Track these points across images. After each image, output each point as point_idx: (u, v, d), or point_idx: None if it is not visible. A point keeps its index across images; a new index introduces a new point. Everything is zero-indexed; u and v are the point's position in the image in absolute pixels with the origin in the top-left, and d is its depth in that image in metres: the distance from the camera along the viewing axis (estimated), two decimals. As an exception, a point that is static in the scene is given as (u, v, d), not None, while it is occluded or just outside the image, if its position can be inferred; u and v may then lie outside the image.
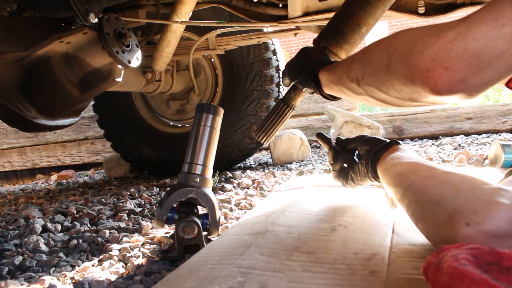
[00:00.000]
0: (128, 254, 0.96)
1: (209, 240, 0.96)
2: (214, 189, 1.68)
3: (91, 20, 1.12)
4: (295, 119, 3.35)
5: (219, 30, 1.81)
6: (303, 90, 0.95)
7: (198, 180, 0.96)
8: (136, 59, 1.32)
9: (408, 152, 0.78)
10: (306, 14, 1.34)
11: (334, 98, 0.90)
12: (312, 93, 0.94)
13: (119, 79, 1.34)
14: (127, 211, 1.43)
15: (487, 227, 0.48)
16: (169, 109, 2.30)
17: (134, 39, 1.33)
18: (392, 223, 0.77)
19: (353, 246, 0.66)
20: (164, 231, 1.13)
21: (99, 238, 1.11)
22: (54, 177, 3.14)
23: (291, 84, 1.00)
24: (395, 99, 0.64)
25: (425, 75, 0.54)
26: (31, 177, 3.64)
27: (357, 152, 0.92)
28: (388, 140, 0.84)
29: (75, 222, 1.33)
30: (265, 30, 1.86)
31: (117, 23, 1.28)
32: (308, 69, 0.90)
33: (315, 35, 1.04)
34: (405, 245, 0.64)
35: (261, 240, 0.73)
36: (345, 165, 0.94)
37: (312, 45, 1.00)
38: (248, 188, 1.70)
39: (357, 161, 0.91)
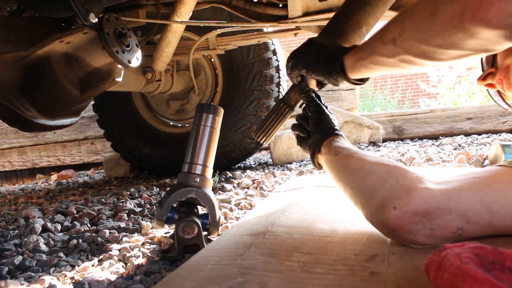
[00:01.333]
0: (128, 254, 0.96)
1: (209, 240, 0.96)
2: (214, 189, 1.68)
3: (91, 20, 1.12)
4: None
5: (219, 30, 1.81)
6: (323, 81, 0.90)
7: (198, 180, 0.96)
8: (136, 59, 1.32)
9: (342, 141, 0.85)
10: (306, 14, 1.34)
11: (360, 82, 0.87)
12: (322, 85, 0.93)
13: (119, 79, 1.34)
14: (127, 211, 1.43)
15: (409, 208, 0.59)
16: (169, 109, 2.30)
17: (134, 39, 1.33)
18: (392, 224, 0.77)
19: (353, 247, 0.66)
20: (164, 231, 1.13)
21: (99, 238, 1.11)
22: (54, 177, 3.14)
23: (299, 81, 0.98)
24: (435, 49, 0.63)
25: (476, 6, 0.54)
26: (31, 177, 3.64)
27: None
28: (330, 127, 0.89)
29: (75, 222, 1.33)
30: (265, 30, 1.86)
31: (117, 23, 1.27)
32: (327, 58, 0.86)
33: (315, 35, 1.04)
34: (405, 246, 0.64)
35: (261, 240, 0.73)
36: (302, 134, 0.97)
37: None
38: (248, 188, 1.70)
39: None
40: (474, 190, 0.60)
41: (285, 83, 2.16)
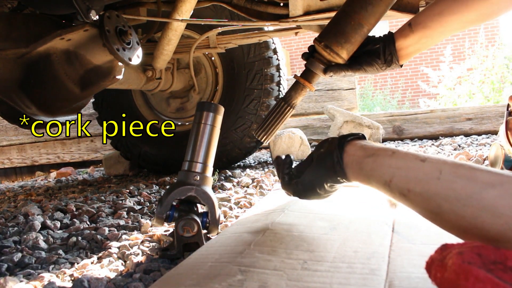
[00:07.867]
0: (127, 252, 0.96)
1: (208, 239, 0.96)
2: (214, 188, 1.67)
3: (92, 17, 1.11)
4: (295, 118, 3.35)
5: (220, 28, 1.81)
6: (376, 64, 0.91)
7: (198, 178, 0.96)
8: (136, 56, 1.32)
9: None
10: (307, 13, 1.34)
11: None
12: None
13: (120, 77, 1.34)
14: (126, 209, 1.43)
15: None
16: (169, 107, 2.29)
17: (135, 36, 1.33)
18: (392, 222, 0.77)
19: (353, 245, 0.66)
20: (163, 229, 1.13)
21: (98, 236, 1.11)
22: (53, 174, 3.14)
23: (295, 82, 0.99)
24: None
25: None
26: (30, 174, 3.64)
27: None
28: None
29: (75, 220, 1.33)
30: (266, 28, 1.86)
31: (118, 20, 1.27)
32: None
33: (316, 34, 1.04)
34: (405, 243, 0.65)
35: (261, 238, 0.73)
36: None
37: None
38: (247, 186, 1.70)
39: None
40: None
41: (286, 82, 2.16)
